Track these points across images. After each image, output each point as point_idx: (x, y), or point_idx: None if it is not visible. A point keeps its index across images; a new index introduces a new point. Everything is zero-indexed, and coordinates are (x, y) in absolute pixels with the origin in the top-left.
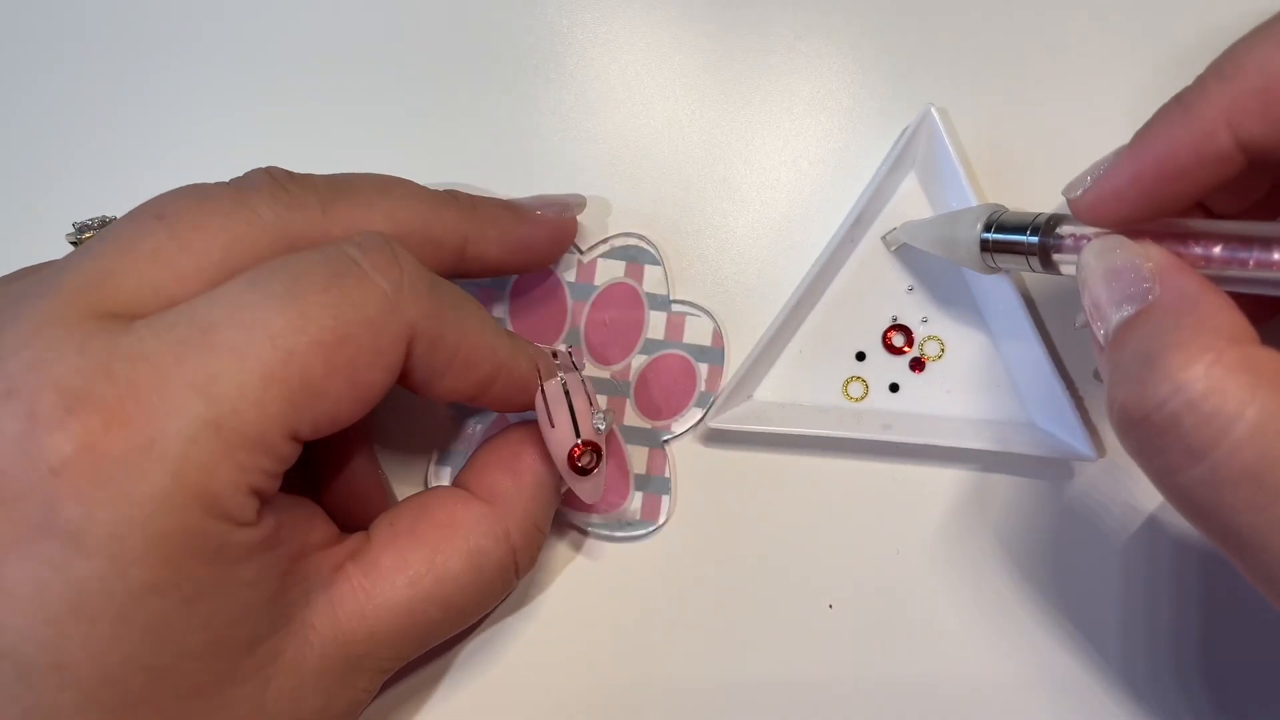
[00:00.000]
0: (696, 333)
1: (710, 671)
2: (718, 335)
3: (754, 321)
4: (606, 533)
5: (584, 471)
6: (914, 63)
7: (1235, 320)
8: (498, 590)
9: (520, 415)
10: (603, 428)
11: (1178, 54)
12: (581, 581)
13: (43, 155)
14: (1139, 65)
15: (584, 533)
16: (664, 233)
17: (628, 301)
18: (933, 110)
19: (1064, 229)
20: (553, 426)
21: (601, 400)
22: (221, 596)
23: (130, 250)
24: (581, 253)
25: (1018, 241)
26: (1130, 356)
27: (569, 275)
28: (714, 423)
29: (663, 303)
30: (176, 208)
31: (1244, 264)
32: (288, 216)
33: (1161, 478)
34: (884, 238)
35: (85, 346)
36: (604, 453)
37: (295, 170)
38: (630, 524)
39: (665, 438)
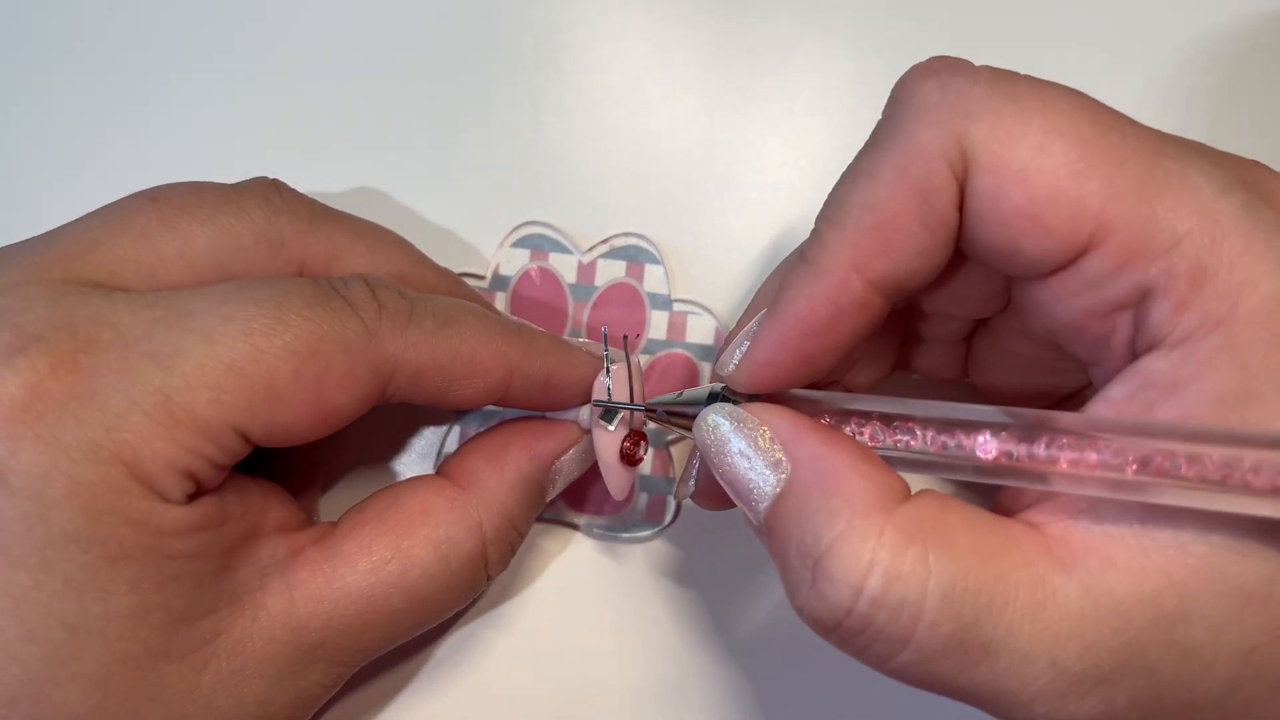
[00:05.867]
0: (699, 331)
1: (713, 671)
2: (720, 334)
3: None
4: (612, 534)
5: (634, 461)
6: (914, 62)
7: (877, 480)
8: (466, 585)
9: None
10: (648, 425)
11: (1177, 52)
12: (586, 581)
13: (46, 163)
14: (1140, 65)
15: (589, 534)
16: (664, 232)
17: (629, 301)
18: None
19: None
20: (611, 416)
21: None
22: (149, 562)
23: (120, 226)
24: (582, 253)
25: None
26: (795, 556)
27: (569, 276)
28: None
29: (664, 302)
30: (170, 193)
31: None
32: (275, 220)
33: (874, 667)
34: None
35: (57, 302)
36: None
37: (297, 175)
38: (635, 524)
39: (669, 438)
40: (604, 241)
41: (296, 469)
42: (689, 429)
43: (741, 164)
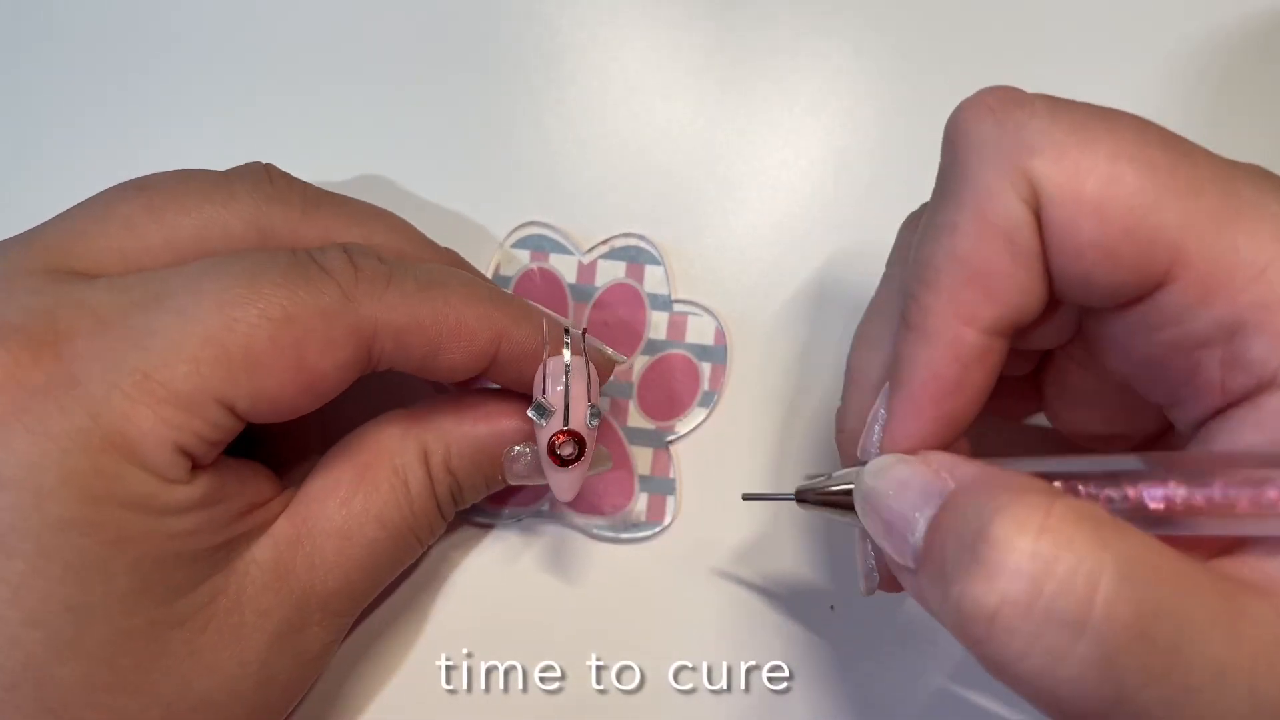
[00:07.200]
0: (699, 332)
1: (713, 670)
2: (720, 334)
3: (756, 320)
4: (612, 534)
5: (563, 462)
6: (915, 63)
7: (1039, 482)
8: (427, 514)
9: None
10: (594, 424)
11: (1180, 53)
12: (586, 582)
13: (38, 153)
14: (1142, 66)
15: (589, 534)
16: (664, 232)
17: (629, 301)
18: None
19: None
20: (545, 406)
21: (604, 403)
22: (150, 543)
23: (105, 215)
24: (582, 253)
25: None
26: (952, 548)
27: (569, 276)
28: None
29: (664, 302)
30: (159, 181)
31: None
32: (266, 209)
33: (1045, 674)
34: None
35: (38, 291)
36: (587, 449)
37: (293, 173)
38: (635, 525)
39: (669, 438)
40: (604, 242)
41: (291, 454)
42: (840, 506)
43: (741, 164)
